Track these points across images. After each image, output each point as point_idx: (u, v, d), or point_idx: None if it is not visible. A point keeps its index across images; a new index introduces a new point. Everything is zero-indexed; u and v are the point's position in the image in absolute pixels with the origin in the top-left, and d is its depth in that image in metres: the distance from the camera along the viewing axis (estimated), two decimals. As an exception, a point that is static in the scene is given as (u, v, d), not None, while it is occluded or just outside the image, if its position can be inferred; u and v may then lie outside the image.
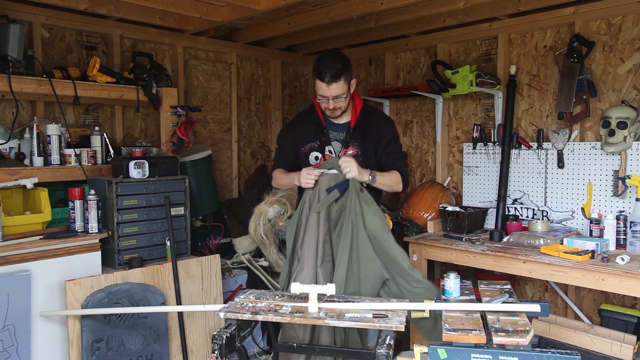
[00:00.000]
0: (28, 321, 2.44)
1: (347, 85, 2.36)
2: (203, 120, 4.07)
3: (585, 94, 3.11)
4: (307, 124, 2.54)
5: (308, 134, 2.51)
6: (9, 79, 2.63)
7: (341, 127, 2.51)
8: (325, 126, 2.50)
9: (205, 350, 2.98)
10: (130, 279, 2.70)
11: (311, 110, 2.57)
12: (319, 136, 2.49)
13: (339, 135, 2.50)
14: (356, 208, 2.24)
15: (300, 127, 2.57)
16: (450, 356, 1.64)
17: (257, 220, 3.40)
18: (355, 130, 2.47)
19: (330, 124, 2.51)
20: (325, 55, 2.38)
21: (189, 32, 3.83)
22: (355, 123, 2.47)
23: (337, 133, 2.50)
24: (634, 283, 2.39)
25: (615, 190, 2.99)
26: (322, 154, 2.48)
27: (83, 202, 2.69)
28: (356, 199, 2.25)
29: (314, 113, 2.53)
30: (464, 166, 3.71)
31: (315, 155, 2.49)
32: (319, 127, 2.50)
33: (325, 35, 4.01)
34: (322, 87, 2.33)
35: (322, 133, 2.48)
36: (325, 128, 2.49)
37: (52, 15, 3.18)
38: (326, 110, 2.43)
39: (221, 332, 1.79)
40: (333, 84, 2.31)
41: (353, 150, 2.45)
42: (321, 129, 2.49)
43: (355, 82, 2.47)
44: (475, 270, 3.19)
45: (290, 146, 2.58)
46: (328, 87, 2.32)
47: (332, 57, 2.35)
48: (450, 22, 3.55)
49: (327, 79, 2.30)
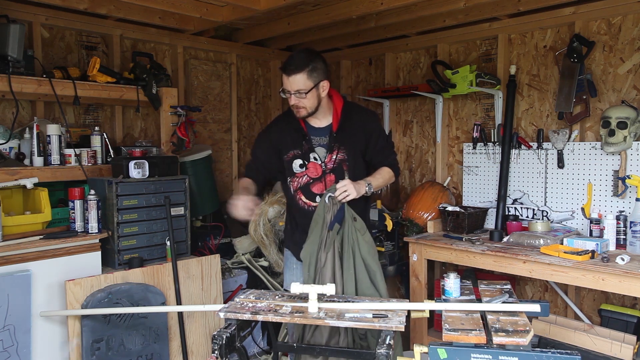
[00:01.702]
0: (28, 321, 2.44)
1: (311, 83, 2.23)
2: (203, 120, 4.07)
3: (585, 94, 3.11)
4: (288, 129, 2.42)
5: (290, 141, 2.40)
6: (9, 79, 2.63)
7: (323, 131, 2.39)
8: (307, 132, 2.38)
9: (205, 350, 2.98)
10: (130, 279, 2.70)
11: (289, 115, 2.43)
12: (301, 143, 2.37)
13: (321, 140, 2.39)
14: (353, 236, 2.20)
15: (280, 133, 2.45)
16: (450, 356, 1.64)
17: (257, 220, 3.40)
18: (338, 133, 2.36)
19: (312, 129, 2.40)
20: (296, 50, 2.31)
21: (189, 32, 3.83)
22: (338, 125, 2.36)
23: (320, 138, 2.39)
24: (634, 283, 2.39)
25: (615, 190, 2.99)
26: (306, 161, 2.38)
27: (83, 202, 2.69)
28: (352, 227, 2.21)
29: (294, 118, 2.39)
30: (464, 166, 3.71)
31: (300, 163, 2.39)
32: (300, 134, 2.38)
33: (325, 35, 4.01)
34: (284, 79, 2.25)
35: (304, 140, 2.37)
36: (307, 134, 2.38)
37: (52, 15, 3.18)
38: (293, 109, 2.33)
39: (221, 332, 1.79)
40: (293, 75, 2.21)
41: (340, 154, 2.36)
42: (302, 135, 2.38)
43: (328, 85, 2.32)
44: (475, 270, 3.18)
45: (265, 152, 2.47)
46: (288, 78, 2.23)
47: (301, 52, 2.28)
48: (450, 22, 3.54)
49: (287, 71, 2.22)
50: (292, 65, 2.22)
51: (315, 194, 2.37)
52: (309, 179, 2.38)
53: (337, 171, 2.36)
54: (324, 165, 2.37)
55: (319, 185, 2.37)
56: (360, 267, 2.18)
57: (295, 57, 2.24)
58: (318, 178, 2.37)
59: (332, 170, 2.36)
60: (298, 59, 2.23)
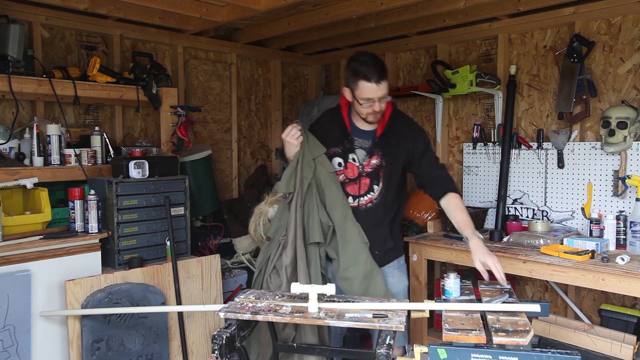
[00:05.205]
0: (28, 321, 2.44)
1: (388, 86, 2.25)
2: (203, 120, 4.07)
3: (585, 94, 3.11)
4: (333, 126, 2.42)
5: (333, 137, 2.39)
6: (9, 79, 2.63)
7: (367, 134, 2.38)
8: (351, 132, 2.38)
9: (205, 350, 2.98)
10: (130, 279, 2.70)
11: (336, 112, 2.43)
12: (343, 142, 2.37)
13: (363, 142, 2.38)
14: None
15: (324, 128, 2.43)
16: (450, 356, 1.64)
17: (257, 220, 3.39)
18: (381, 138, 2.35)
19: (356, 130, 2.38)
20: (363, 57, 2.24)
21: (189, 32, 3.83)
22: (383, 131, 2.34)
23: (363, 140, 2.38)
24: (634, 283, 2.39)
25: (615, 190, 2.99)
26: (345, 161, 2.37)
27: (83, 202, 2.68)
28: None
29: (340, 116, 2.40)
30: (464, 166, 3.71)
31: (339, 162, 2.38)
32: (344, 133, 2.38)
33: (325, 35, 4.01)
34: (370, 89, 2.19)
35: (346, 139, 2.37)
36: (350, 134, 2.37)
37: (52, 15, 3.18)
38: (369, 116, 2.28)
39: (221, 332, 1.79)
40: (382, 82, 2.18)
41: (377, 160, 2.35)
42: (346, 134, 2.37)
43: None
44: (475, 270, 3.18)
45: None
46: (378, 86, 2.18)
47: (372, 57, 2.24)
48: (450, 22, 3.54)
49: (376, 79, 2.17)
50: (380, 72, 2.19)
51: (349, 194, 2.36)
52: (345, 179, 2.38)
53: (373, 176, 2.35)
54: (361, 167, 2.36)
55: (354, 187, 2.37)
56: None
57: (376, 64, 2.20)
58: (354, 179, 2.37)
59: (368, 174, 2.35)
60: (379, 64, 2.21)
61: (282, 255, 2.25)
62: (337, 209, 2.28)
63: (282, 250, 2.27)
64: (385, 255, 2.42)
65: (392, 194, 2.39)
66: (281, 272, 2.24)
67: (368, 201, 2.36)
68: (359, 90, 2.22)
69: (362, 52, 2.30)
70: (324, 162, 2.32)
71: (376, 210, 2.36)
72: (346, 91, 2.31)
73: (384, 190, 2.36)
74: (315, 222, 2.26)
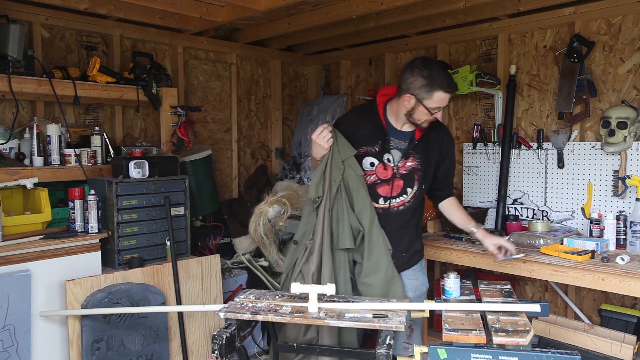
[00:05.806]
0: (28, 321, 2.44)
1: None
2: (203, 120, 4.07)
3: (585, 94, 3.11)
4: (367, 124, 2.37)
5: (365, 136, 2.34)
6: (9, 79, 2.63)
7: (404, 135, 2.35)
8: (388, 132, 2.35)
9: (205, 350, 2.98)
10: (130, 279, 2.70)
11: (371, 110, 2.39)
12: (379, 141, 2.33)
13: (400, 143, 2.35)
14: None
15: (359, 125, 2.37)
16: (450, 356, 1.65)
17: (257, 220, 3.40)
18: (420, 141, 2.34)
19: (393, 130, 2.35)
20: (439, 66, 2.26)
21: (189, 32, 3.83)
22: (422, 134, 2.34)
23: (399, 141, 2.35)
24: (634, 283, 2.39)
25: (615, 190, 2.99)
26: (379, 161, 2.33)
27: (83, 202, 2.69)
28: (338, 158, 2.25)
29: (376, 115, 2.36)
30: (464, 166, 3.71)
31: (371, 162, 2.34)
32: (381, 132, 2.34)
33: (325, 35, 4.01)
34: (445, 99, 2.22)
35: (383, 139, 2.33)
36: (387, 134, 2.34)
37: (52, 15, 3.18)
38: (425, 123, 2.29)
39: (221, 332, 1.80)
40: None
41: (413, 162, 2.34)
42: (383, 134, 2.34)
43: None
44: (475, 270, 3.19)
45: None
46: (449, 96, 2.23)
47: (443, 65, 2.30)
48: (450, 22, 3.54)
49: (453, 89, 2.21)
50: (454, 84, 2.24)
51: (380, 195, 2.34)
52: (376, 179, 2.34)
53: (407, 178, 2.34)
54: (395, 168, 2.33)
55: (386, 188, 2.34)
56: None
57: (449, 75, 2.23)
58: (386, 180, 2.33)
59: (402, 176, 2.34)
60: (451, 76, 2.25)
61: (309, 261, 2.22)
62: (366, 214, 2.24)
63: (308, 255, 2.23)
64: (413, 257, 2.41)
65: (422, 196, 2.41)
66: (307, 278, 2.21)
67: (400, 203, 2.34)
68: (432, 100, 2.20)
69: (428, 58, 2.32)
70: (353, 164, 2.26)
71: (407, 213, 2.35)
72: (409, 98, 2.23)
73: (417, 193, 2.36)
74: (346, 228, 2.22)
